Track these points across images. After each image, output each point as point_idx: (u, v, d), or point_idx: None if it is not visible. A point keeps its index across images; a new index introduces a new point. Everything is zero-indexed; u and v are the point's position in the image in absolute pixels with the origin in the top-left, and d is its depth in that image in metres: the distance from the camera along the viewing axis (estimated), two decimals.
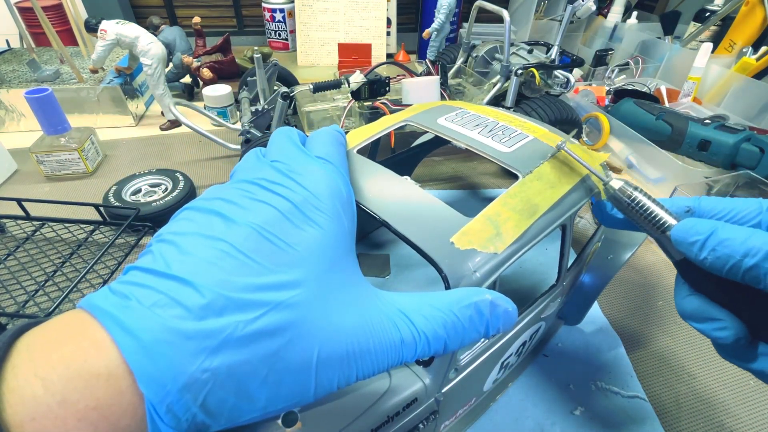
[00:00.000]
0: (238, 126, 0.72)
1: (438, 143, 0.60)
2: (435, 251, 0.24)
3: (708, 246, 0.20)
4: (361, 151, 0.31)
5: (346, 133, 0.30)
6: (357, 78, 0.65)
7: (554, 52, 0.76)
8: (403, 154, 0.58)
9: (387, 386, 0.25)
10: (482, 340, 0.24)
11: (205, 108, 0.84)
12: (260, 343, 0.15)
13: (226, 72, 0.98)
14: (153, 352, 0.14)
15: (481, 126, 0.34)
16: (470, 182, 0.74)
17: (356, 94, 0.65)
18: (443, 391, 0.27)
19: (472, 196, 0.70)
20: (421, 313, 0.19)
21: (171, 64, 0.94)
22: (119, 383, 0.13)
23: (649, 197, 0.24)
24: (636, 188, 0.24)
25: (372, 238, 0.57)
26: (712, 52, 0.90)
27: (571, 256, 0.35)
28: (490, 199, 0.81)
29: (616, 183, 0.25)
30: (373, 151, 0.50)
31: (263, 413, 0.16)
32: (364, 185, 0.28)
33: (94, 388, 0.13)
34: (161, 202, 0.61)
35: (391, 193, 0.27)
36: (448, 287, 0.23)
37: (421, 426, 0.27)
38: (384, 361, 0.18)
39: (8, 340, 0.14)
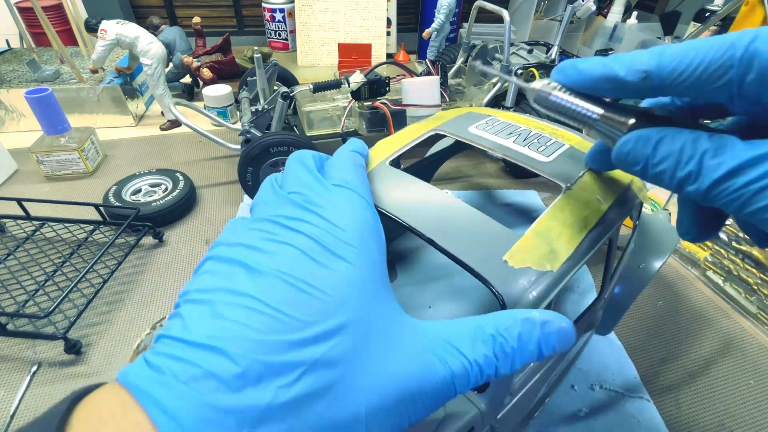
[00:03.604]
0: (238, 126, 0.72)
1: (457, 149, 0.59)
2: (488, 271, 0.22)
3: (652, 170, 0.20)
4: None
5: (372, 145, 0.29)
6: (357, 78, 0.65)
7: (554, 52, 0.76)
8: (424, 161, 0.57)
9: (442, 415, 0.24)
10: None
11: (205, 108, 0.84)
12: (304, 405, 0.14)
13: (226, 72, 0.98)
14: None
15: (514, 134, 0.33)
16: (471, 183, 0.74)
17: (356, 94, 0.65)
18: (498, 417, 0.26)
19: (471, 197, 0.70)
20: (468, 340, 0.18)
21: (171, 64, 0.94)
22: None
23: (576, 93, 0.22)
24: (562, 88, 0.22)
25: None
26: None
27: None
28: (491, 200, 0.79)
29: (537, 83, 0.22)
30: (397, 158, 0.50)
31: None
32: (404, 201, 0.26)
33: None
34: (161, 202, 0.61)
35: (433, 209, 0.26)
36: (504, 309, 0.22)
37: None
38: (437, 400, 0.17)
39: (65, 413, 0.14)
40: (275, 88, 0.76)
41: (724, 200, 0.18)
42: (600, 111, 0.21)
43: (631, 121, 0.21)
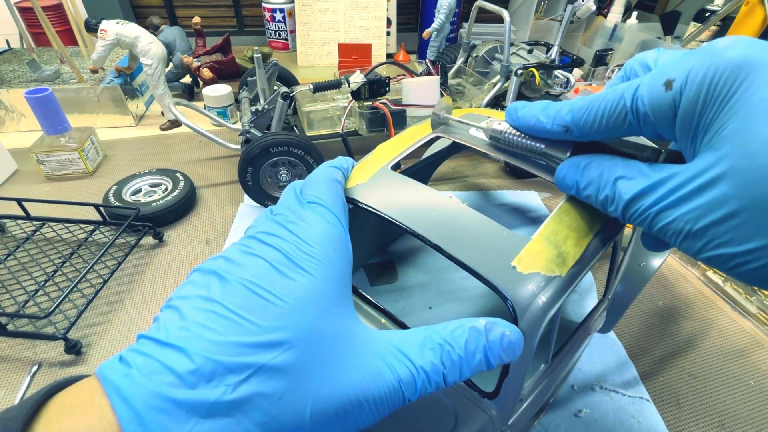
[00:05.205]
0: (238, 126, 0.72)
1: (455, 149, 0.58)
2: (496, 277, 0.22)
3: (582, 194, 0.23)
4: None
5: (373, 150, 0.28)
6: (357, 78, 0.65)
7: (554, 52, 0.76)
8: (423, 161, 0.57)
9: (453, 423, 0.24)
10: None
11: (205, 108, 0.84)
12: (249, 405, 0.15)
13: (226, 72, 0.98)
14: (145, 419, 0.14)
15: None
16: (470, 183, 0.74)
17: (356, 94, 0.65)
18: (510, 423, 0.26)
19: (471, 198, 0.70)
20: (416, 347, 0.19)
21: (171, 64, 0.94)
22: None
23: (524, 134, 0.26)
24: (510, 129, 0.26)
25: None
26: None
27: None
28: (491, 200, 0.79)
29: (492, 124, 0.27)
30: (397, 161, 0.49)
31: None
32: (409, 206, 0.26)
33: None
34: (161, 202, 0.61)
35: (439, 214, 0.26)
36: (514, 316, 0.22)
37: None
38: (385, 405, 0.18)
39: (35, 405, 0.15)
40: (275, 88, 0.76)
41: (637, 221, 0.20)
42: (542, 145, 0.25)
43: (569, 151, 0.24)
